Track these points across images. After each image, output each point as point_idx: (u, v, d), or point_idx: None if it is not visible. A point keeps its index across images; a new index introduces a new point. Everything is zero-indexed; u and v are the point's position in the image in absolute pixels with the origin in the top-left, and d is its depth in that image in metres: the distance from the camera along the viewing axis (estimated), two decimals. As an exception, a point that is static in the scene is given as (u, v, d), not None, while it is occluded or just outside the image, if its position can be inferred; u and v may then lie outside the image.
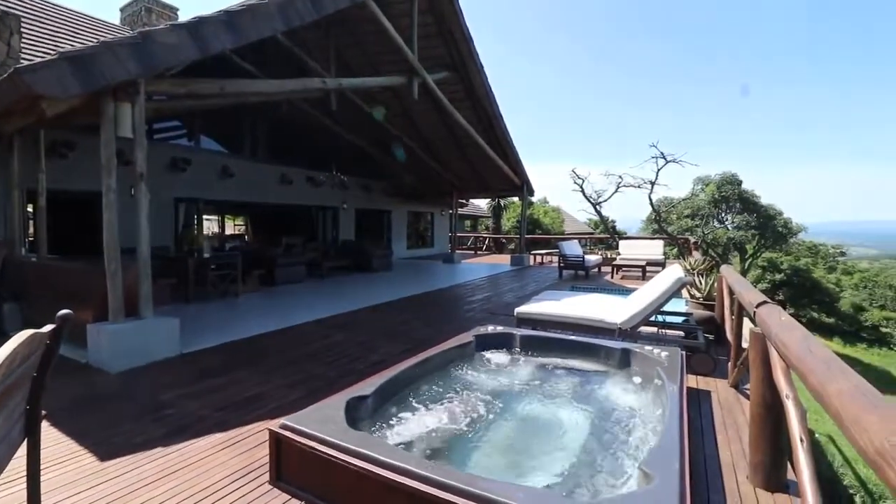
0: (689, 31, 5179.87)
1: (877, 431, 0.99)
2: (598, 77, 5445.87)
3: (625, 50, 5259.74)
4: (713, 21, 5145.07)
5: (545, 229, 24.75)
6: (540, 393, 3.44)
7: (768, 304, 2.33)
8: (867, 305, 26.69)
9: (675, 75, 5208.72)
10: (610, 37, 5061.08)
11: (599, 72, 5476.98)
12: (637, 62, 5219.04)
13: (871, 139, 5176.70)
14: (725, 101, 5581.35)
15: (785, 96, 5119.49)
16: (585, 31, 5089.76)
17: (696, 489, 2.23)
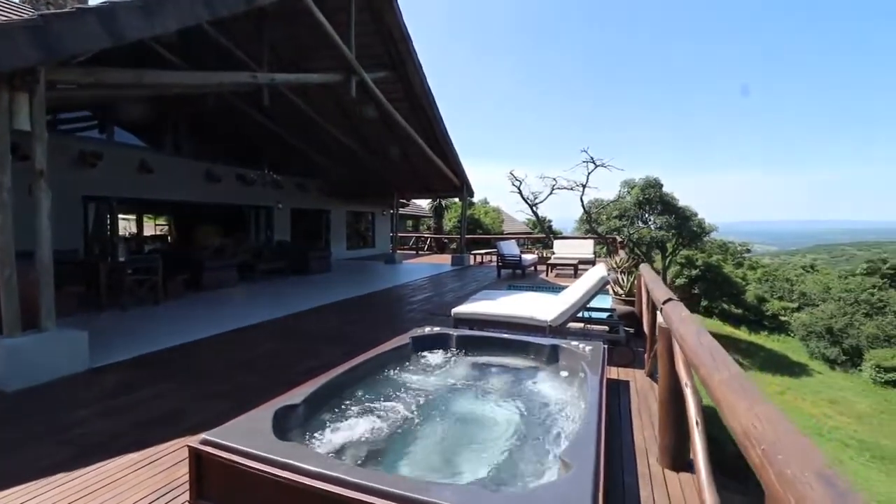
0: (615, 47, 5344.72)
1: (744, 416, 1.14)
2: (534, 82, 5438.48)
3: (556, 58, 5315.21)
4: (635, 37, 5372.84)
5: (486, 229, 25.30)
6: (475, 390, 3.54)
7: (673, 300, 2.57)
8: (768, 297, 30.00)
9: (599, 84, 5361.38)
10: (543, 43, 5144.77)
11: (535, 78, 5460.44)
12: (567, 73, 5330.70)
13: (773, 148, 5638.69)
14: (647, 110, 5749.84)
15: (696, 109, 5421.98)
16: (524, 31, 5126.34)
17: (612, 473, 2.41)
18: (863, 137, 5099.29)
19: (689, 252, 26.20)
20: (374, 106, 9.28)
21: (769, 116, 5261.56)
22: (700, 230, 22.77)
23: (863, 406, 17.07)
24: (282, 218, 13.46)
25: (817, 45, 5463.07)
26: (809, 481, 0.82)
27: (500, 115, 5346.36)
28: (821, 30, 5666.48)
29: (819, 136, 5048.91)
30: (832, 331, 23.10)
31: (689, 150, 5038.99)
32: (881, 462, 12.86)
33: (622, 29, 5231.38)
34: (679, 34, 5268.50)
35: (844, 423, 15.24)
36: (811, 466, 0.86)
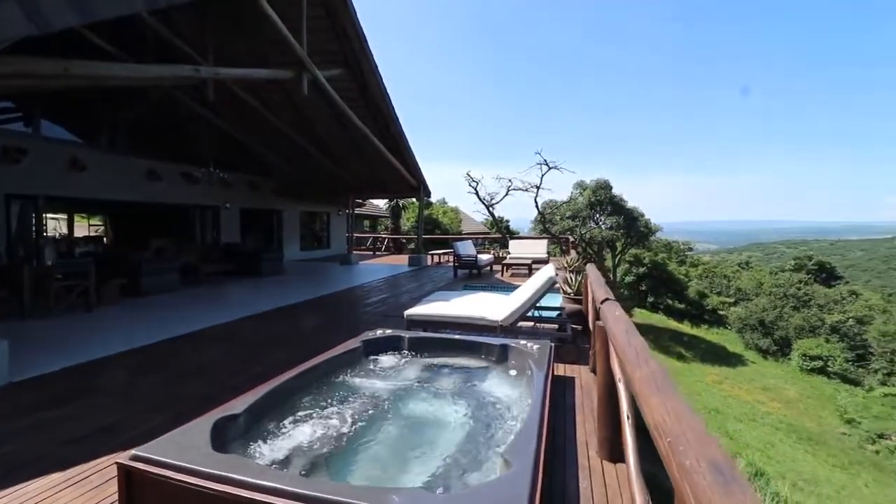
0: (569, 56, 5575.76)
1: (657, 410, 1.23)
2: (491, 84, 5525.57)
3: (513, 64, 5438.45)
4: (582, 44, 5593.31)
5: (444, 229, 25.43)
6: (426, 392, 3.56)
7: (609, 300, 2.70)
8: (708, 292, 32.02)
9: (555, 88, 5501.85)
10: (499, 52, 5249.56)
11: (492, 81, 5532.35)
12: (522, 74, 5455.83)
13: (713, 152, 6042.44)
14: (599, 113, 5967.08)
15: (645, 114, 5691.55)
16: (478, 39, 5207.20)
17: (554, 466, 2.50)
18: (794, 142, 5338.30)
19: (637, 251, 27.53)
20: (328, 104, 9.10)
21: (710, 121, 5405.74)
22: (647, 230, 23.96)
23: (791, 392, 18.57)
24: (230, 218, 12.93)
25: (751, 50, 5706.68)
26: (703, 471, 0.90)
27: (458, 116, 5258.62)
28: (757, 35, 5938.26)
29: (754, 140, 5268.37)
30: (764, 323, 24.98)
31: (638, 152, 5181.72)
32: (807, 443, 14.06)
33: (575, 32, 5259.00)
34: (627, 38, 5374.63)
35: (776, 408, 16.51)
36: (706, 456, 0.94)
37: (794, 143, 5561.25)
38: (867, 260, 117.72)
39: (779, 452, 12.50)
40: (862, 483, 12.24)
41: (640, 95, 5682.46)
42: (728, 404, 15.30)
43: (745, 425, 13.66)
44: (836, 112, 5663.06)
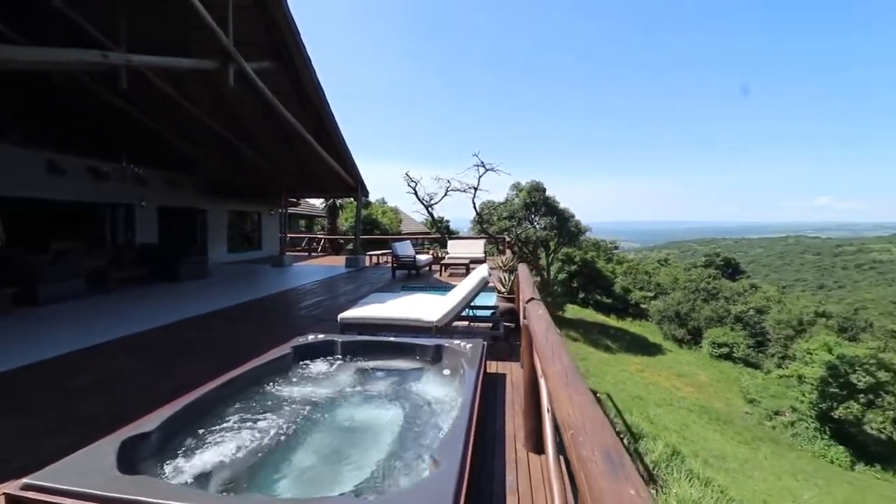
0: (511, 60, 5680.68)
1: (565, 404, 1.31)
2: (431, 84, 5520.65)
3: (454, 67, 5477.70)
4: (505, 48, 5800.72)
5: (383, 229, 25.15)
6: (359, 397, 3.52)
7: (535, 300, 2.84)
8: (632, 288, 34.45)
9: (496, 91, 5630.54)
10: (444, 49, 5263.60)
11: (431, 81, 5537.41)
12: (461, 82, 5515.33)
13: (635, 158, 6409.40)
14: (533, 115, 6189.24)
15: (571, 122, 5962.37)
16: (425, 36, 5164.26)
17: (483, 461, 2.58)
18: (706, 148, 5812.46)
19: (569, 250, 28.98)
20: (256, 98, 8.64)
21: (634, 127, 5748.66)
22: (577, 230, 25.29)
23: (703, 377, 20.47)
24: (147, 218, 11.90)
25: (678, 57, 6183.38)
26: (596, 459, 0.98)
27: (398, 116, 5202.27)
28: (687, 42, 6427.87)
29: (671, 146, 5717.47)
30: (679, 315, 27.32)
31: (568, 156, 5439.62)
32: (716, 423, 15.57)
33: (511, 34, 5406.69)
34: (561, 41, 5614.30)
35: (690, 392, 18.12)
36: (601, 446, 1.03)
37: (705, 150, 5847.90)
38: (765, 256, 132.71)
39: (693, 433, 13.74)
40: (762, 456, 13.80)
41: (568, 101, 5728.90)
42: (649, 391, 16.55)
43: (664, 409, 14.86)
44: (738, 121, 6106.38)
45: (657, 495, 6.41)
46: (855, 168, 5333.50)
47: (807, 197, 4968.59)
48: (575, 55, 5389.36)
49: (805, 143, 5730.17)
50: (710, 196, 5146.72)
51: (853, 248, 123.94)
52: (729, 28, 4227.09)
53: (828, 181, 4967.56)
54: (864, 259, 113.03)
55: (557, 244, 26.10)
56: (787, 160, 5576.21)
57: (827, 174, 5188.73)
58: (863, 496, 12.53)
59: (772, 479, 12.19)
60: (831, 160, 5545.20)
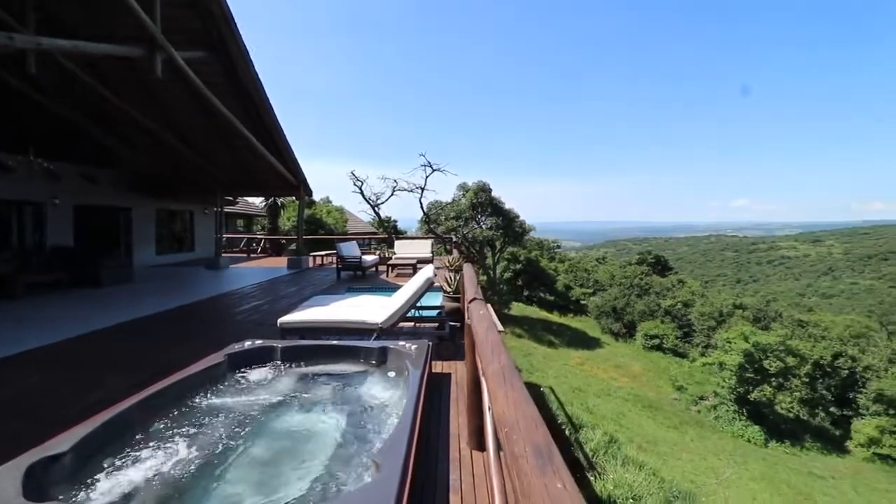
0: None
1: (502, 402, 1.34)
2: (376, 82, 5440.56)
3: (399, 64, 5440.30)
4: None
5: (328, 229, 24.49)
6: (301, 404, 3.40)
7: (477, 300, 2.88)
8: (573, 285, 35.98)
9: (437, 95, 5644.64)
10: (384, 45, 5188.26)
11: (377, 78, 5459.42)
12: (408, 76, 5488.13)
13: (575, 161, 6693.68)
14: (478, 117, 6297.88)
15: (515, 125, 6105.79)
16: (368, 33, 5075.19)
17: (427, 461, 2.59)
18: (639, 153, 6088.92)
19: (514, 249, 29.76)
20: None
21: (574, 132, 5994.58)
22: (522, 230, 26.01)
23: (636, 368, 21.77)
24: (60, 217, 10.79)
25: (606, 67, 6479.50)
26: (528, 455, 1.01)
27: (342, 114, 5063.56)
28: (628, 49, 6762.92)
29: (609, 150, 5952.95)
30: (616, 310, 28.90)
31: (511, 158, 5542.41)
32: (649, 410, 16.62)
33: (457, 35, 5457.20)
34: (501, 46, 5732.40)
35: (626, 383, 19.21)
36: (532, 442, 1.05)
37: (639, 154, 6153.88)
38: (691, 254, 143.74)
39: (628, 420, 14.59)
40: (689, 439, 14.92)
41: (512, 106, 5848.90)
42: (589, 382, 17.38)
43: (602, 400, 15.66)
44: (667, 127, 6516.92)
45: (596, 482, 6.75)
46: (769, 172, 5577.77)
47: (727, 199, 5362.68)
48: (516, 60, 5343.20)
49: (726, 149, 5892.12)
50: (644, 198, 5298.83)
51: (766, 245, 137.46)
52: (658, 34, 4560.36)
53: (745, 184, 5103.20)
54: (775, 255, 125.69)
55: (503, 244, 26.70)
56: (711, 164, 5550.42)
57: (744, 178, 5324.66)
58: (775, 470, 13.91)
59: (697, 459, 13.22)
60: (748, 164, 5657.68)
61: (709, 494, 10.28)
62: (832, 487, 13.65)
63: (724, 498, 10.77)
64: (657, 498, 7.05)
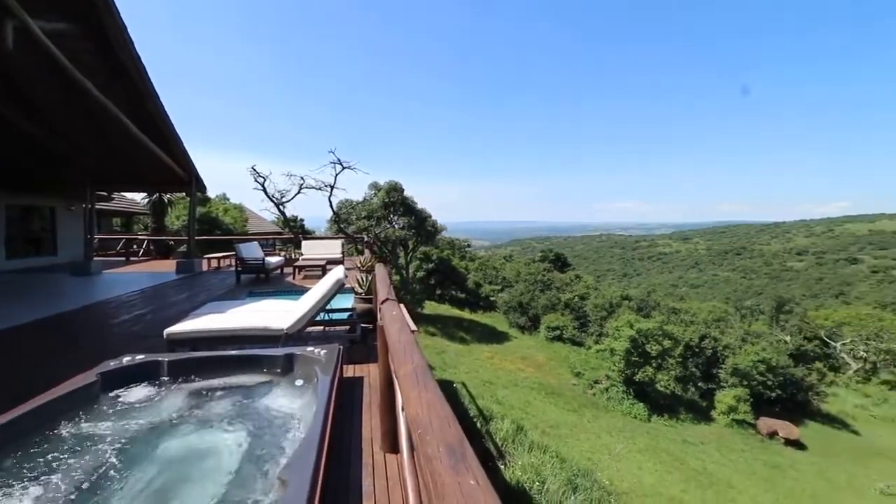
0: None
1: (414, 404, 1.32)
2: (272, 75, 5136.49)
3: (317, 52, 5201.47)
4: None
5: (226, 229, 22.50)
6: (193, 423, 3.07)
7: (389, 300, 2.83)
8: (483, 282, 37.35)
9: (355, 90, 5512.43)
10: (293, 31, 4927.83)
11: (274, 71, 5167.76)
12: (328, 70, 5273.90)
13: (482, 163, 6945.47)
14: (387, 117, 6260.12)
15: (426, 122, 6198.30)
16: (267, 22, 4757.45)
17: (339, 470, 2.48)
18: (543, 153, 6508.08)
19: (427, 249, 30.07)
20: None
21: (478, 134, 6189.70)
22: (434, 229, 26.36)
23: (541, 358, 23.24)
24: None
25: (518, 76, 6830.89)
26: (441, 455, 1.00)
27: (240, 105, 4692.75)
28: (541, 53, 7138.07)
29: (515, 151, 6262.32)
30: (522, 304, 30.58)
31: (423, 158, 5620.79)
32: (551, 396, 17.82)
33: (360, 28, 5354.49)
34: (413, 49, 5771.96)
35: (531, 373, 20.41)
36: (445, 441, 1.05)
37: (543, 155, 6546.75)
38: (586, 251, 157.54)
39: (534, 408, 15.52)
40: (586, 420, 16.28)
41: (421, 107, 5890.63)
42: (498, 375, 18.17)
43: (510, 390, 16.48)
44: (567, 129, 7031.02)
45: (506, 469, 7.07)
46: (649, 176, 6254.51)
47: (615, 201, 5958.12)
48: (425, 63, 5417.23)
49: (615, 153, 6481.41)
50: (546, 199, 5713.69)
51: (647, 243, 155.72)
52: (571, 34, 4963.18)
53: (632, 187, 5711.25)
54: (654, 252, 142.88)
55: (416, 243, 26.83)
56: (602, 167, 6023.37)
57: (631, 181, 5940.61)
58: (657, 441, 15.75)
59: (594, 438, 14.50)
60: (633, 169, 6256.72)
61: (604, 469, 11.33)
62: (701, 452, 15.86)
63: (616, 470, 11.94)
64: (560, 478, 7.58)
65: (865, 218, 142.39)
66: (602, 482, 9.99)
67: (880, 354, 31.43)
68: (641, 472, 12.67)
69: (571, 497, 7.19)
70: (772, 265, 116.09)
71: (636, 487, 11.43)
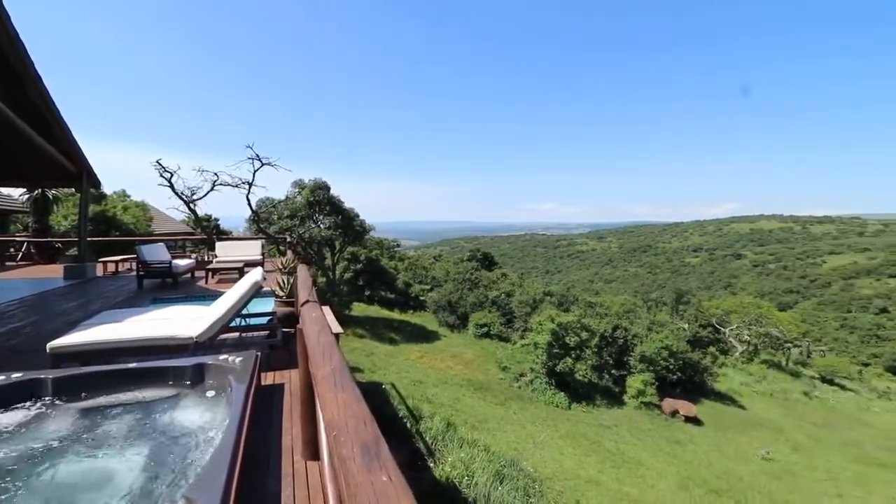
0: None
1: (331, 406, 1.29)
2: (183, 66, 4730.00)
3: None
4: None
5: (126, 229, 20.23)
6: (85, 446, 2.75)
7: (310, 302, 2.74)
8: (412, 282, 37.34)
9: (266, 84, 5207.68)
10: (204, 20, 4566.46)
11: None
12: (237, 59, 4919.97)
13: (412, 161, 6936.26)
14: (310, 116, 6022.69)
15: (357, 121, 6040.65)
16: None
17: (254, 482, 2.35)
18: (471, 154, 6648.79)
19: (355, 249, 29.41)
20: None
21: (404, 133, 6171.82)
22: (362, 229, 25.84)
23: (469, 355, 23.75)
24: None
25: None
26: (355, 455, 0.99)
27: (142, 92, 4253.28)
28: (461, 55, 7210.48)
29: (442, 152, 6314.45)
30: (451, 303, 31.04)
31: (348, 157, 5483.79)
32: (480, 392, 18.28)
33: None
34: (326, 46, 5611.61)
35: (460, 370, 20.77)
36: (360, 441, 1.04)
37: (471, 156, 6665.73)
38: (512, 250, 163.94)
39: (463, 404, 15.82)
40: (512, 412, 16.92)
41: (347, 107, 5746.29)
42: (428, 374, 18.28)
43: (440, 388, 16.66)
44: (489, 130, 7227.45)
45: (435, 467, 7.14)
46: (569, 179, 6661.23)
47: (539, 202, 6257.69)
48: (345, 64, 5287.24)
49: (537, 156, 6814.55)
50: (475, 199, 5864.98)
51: (566, 242, 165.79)
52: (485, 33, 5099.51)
53: (554, 189, 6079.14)
54: (573, 250, 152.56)
55: (343, 244, 26.12)
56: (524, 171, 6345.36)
57: (553, 181, 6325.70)
58: (576, 427, 16.79)
59: (519, 428, 15.12)
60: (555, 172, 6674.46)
61: (529, 457, 11.86)
62: (615, 434, 17.18)
63: (540, 457, 12.55)
64: (488, 470, 7.81)
65: (748, 219, 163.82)
66: (527, 470, 10.46)
67: (760, 338, 36.34)
68: (563, 457, 13.44)
69: (499, 488, 7.44)
70: (672, 261, 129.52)
71: (558, 472, 12.10)
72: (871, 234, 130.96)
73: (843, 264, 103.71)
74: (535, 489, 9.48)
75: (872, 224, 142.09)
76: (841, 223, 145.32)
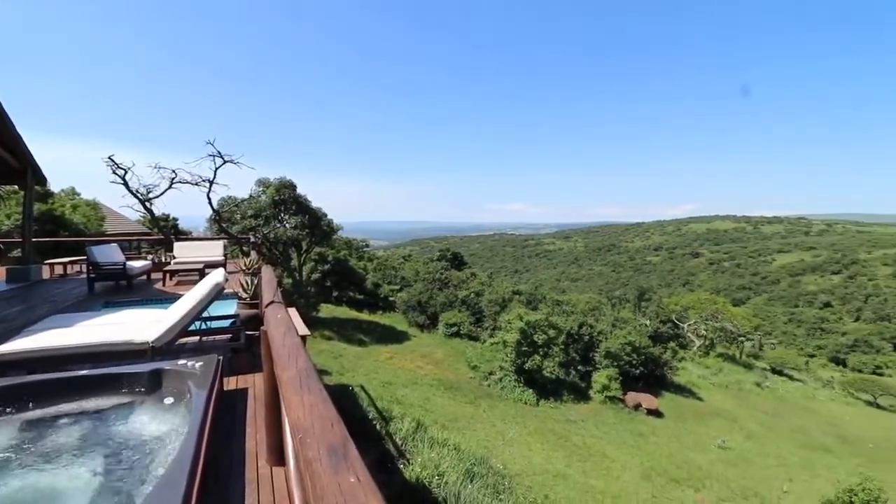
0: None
1: (296, 408, 1.26)
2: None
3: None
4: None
5: (75, 229, 19.08)
6: (27, 461, 2.57)
7: (275, 303, 2.67)
8: (382, 282, 37.01)
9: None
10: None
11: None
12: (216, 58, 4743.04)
13: (382, 160, 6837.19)
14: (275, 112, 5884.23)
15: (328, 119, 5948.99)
16: None
17: (216, 491, 2.27)
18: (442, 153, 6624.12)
19: (322, 249, 28.87)
20: None
21: (366, 133, 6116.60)
22: (330, 229, 25.37)
23: (439, 354, 23.76)
24: None
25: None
26: (322, 457, 0.97)
27: (97, 82, 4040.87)
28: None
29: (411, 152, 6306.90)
30: (421, 303, 30.97)
31: (315, 156, 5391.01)
32: (450, 391, 18.32)
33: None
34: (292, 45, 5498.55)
35: (431, 370, 20.75)
36: (326, 443, 1.02)
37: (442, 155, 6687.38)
38: (481, 250, 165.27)
39: (434, 404, 15.82)
40: (482, 410, 17.05)
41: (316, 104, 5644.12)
42: (397, 375, 18.17)
43: (410, 389, 16.60)
44: (461, 132, 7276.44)
45: (406, 468, 7.11)
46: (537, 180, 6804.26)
47: (507, 202, 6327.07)
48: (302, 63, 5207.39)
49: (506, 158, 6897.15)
50: (444, 200, 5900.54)
51: (534, 242, 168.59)
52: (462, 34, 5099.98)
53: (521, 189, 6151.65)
54: (541, 250, 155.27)
55: (310, 244, 25.58)
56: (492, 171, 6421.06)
57: (520, 182, 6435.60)
58: (544, 423, 17.11)
59: (489, 426, 15.26)
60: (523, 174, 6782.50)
61: (498, 455, 11.99)
62: (581, 428, 17.61)
63: (509, 454, 12.72)
64: (458, 469, 7.84)
65: (704, 219, 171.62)
66: (497, 467, 10.57)
67: (716, 332, 38.16)
68: (531, 453, 13.66)
69: (469, 486, 7.48)
70: (635, 260, 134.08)
71: (527, 468, 12.30)
72: (815, 233, 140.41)
73: (790, 262, 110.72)
74: (504, 486, 9.59)
75: (817, 224, 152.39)
76: (789, 223, 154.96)
